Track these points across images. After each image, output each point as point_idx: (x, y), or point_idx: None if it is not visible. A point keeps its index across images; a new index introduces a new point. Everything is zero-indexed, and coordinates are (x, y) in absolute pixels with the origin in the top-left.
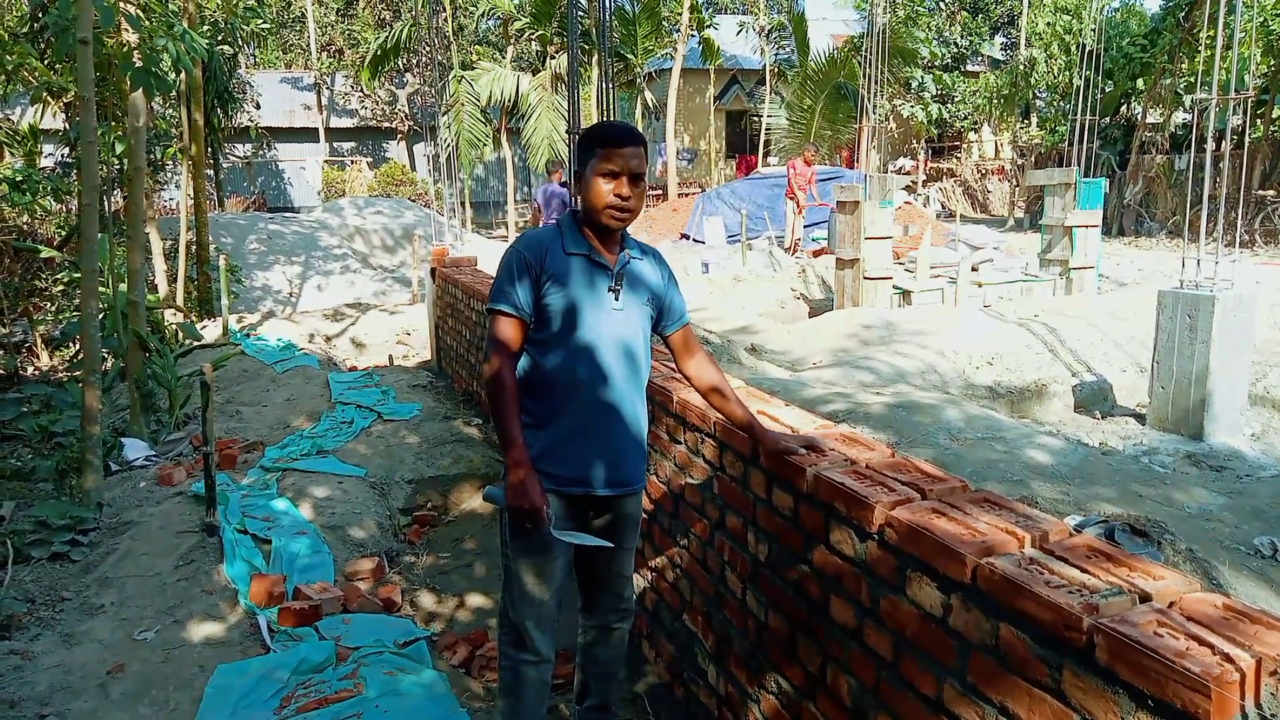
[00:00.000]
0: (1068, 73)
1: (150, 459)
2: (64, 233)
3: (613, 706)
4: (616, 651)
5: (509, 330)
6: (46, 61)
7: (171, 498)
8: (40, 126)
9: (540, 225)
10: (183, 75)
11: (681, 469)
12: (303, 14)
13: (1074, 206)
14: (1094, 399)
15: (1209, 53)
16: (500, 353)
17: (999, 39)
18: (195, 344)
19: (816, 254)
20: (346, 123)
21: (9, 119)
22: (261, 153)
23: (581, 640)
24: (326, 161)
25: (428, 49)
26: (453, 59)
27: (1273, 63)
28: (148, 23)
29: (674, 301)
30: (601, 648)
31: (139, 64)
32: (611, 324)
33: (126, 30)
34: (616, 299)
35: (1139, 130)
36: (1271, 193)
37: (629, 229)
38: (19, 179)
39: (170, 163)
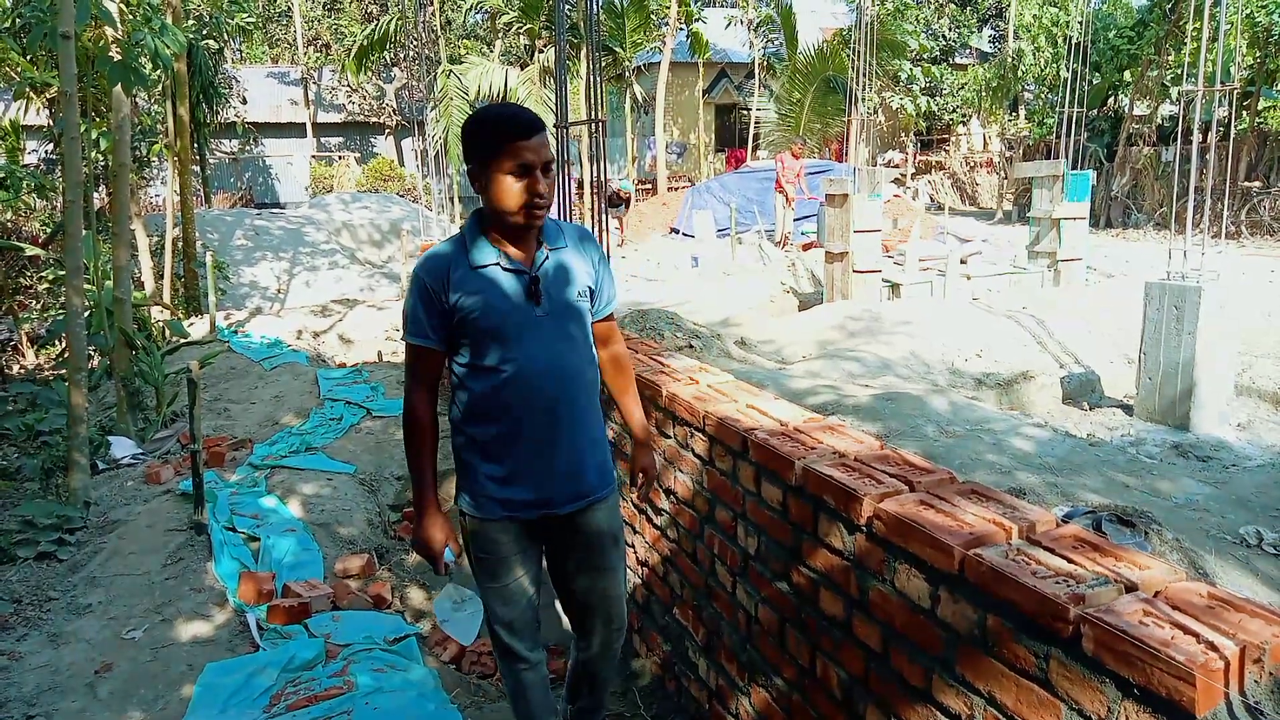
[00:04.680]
0: (1055, 65)
1: (137, 457)
2: (48, 230)
3: (604, 702)
4: (611, 664)
5: (422, 360)
6: (28, 56)
7: (159, 496)
8: (23, 122)
9: None
10: (165, 70)
11: (670, 463)
12: (289, 8)
13: (1062, 199)
14: (1081, 390)
15: (1195, 45)
16: (414, 385)
17: (987, 31)
18: (182, 341)
19: (806, 248)
20: (334, 118)
21: None
22: (248, 148)
23: (576, 654)
24: (314, 157)
25: (415, 43)
26: (440, 53)
27: (1258, 54)
28: (129, 17)
29: (603, 288)
30: (596, 663)
31: (116, 58)
32: (539, 333)
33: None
34: (538, 304)
35: (1126, 122)
36: (1257, 184)
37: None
38: (2, 176)
39: (156, 159)
